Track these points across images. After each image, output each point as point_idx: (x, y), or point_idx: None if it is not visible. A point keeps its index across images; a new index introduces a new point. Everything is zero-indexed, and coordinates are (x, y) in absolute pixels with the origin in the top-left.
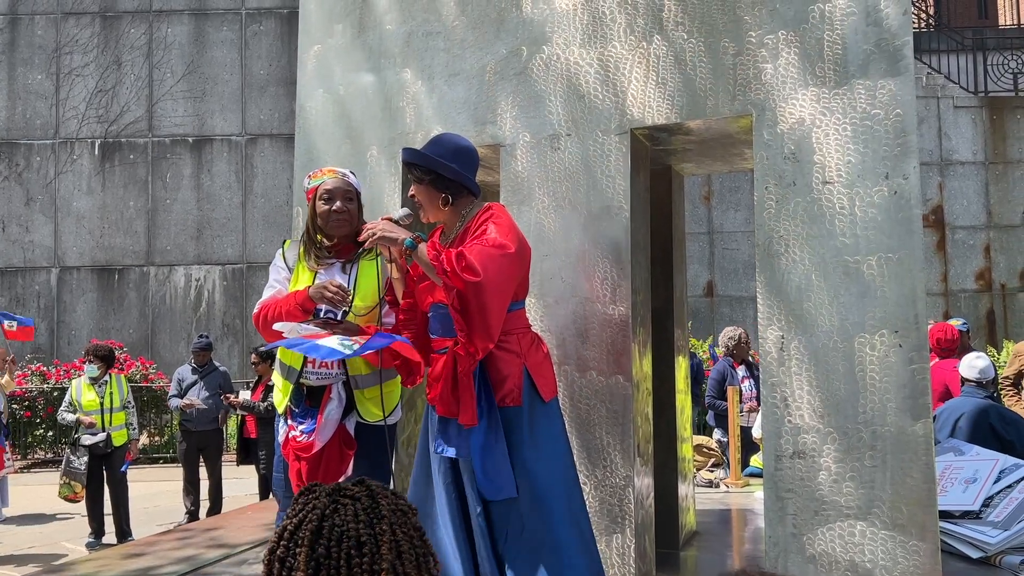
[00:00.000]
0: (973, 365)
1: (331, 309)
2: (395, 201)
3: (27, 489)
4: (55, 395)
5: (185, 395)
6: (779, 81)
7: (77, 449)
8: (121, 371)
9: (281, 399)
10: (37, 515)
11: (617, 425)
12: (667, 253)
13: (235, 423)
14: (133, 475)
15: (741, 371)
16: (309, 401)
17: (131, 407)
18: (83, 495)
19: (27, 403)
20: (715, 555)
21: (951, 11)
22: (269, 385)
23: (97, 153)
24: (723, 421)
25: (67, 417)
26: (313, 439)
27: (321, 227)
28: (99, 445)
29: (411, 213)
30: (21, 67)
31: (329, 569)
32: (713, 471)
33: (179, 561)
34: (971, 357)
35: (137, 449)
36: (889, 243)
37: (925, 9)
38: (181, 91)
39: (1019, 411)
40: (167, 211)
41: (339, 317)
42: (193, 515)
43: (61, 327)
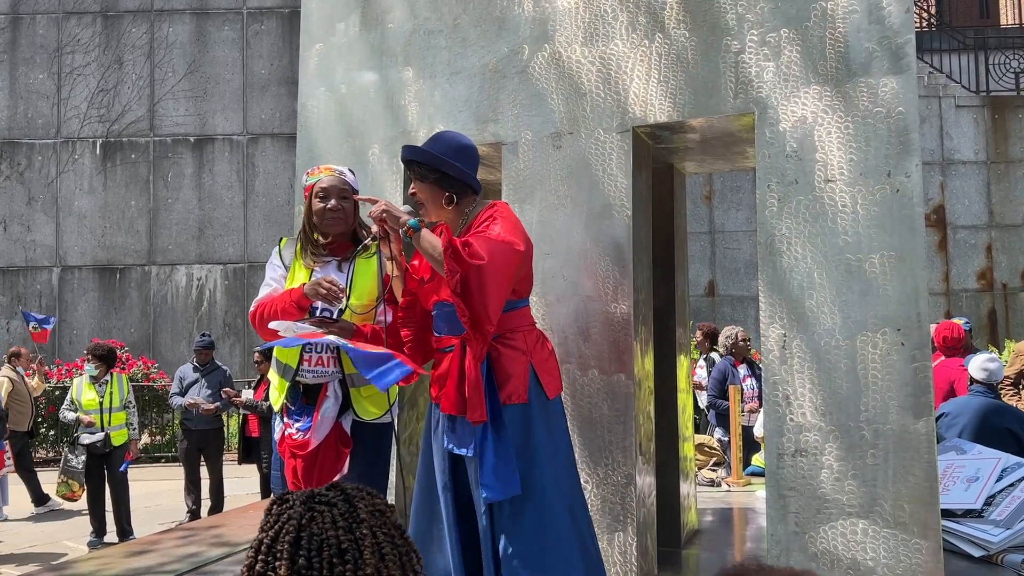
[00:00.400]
0: (986, 367)
1: (327, 307)
2: (396, 200)
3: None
4: (57, 394)
5: (186, 394)
6: (781, 79)
7: (75, 448)
8: (122, 371)
9: (277, 397)
10: (38, 514)
11: (619, 423)
12: (668, 252)
13: (237, 422)
14: (134, 474)
15: (742, 370)
16: (305, 399)
17: (132, 407)
18: (81, 494)
19: None
20: (717, 553)
21: (953, 10)
22: None
23: (99, 152)
24: (724, 420)
25: (68, 416)
26: (309, 437)
27: (316, 225)
28: (97, 444)
29: (412, 212)
30: (23, 66)
31: None
32: (715, 470)
33: (181, 559)
34: (983, 359)
35: (137, 449)
36: (891, 241)
37: (927, 8)
38: (182, 90)
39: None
40: (168, 210)
41: (335, 315)
42: (195, 514)
43: (63, 326)
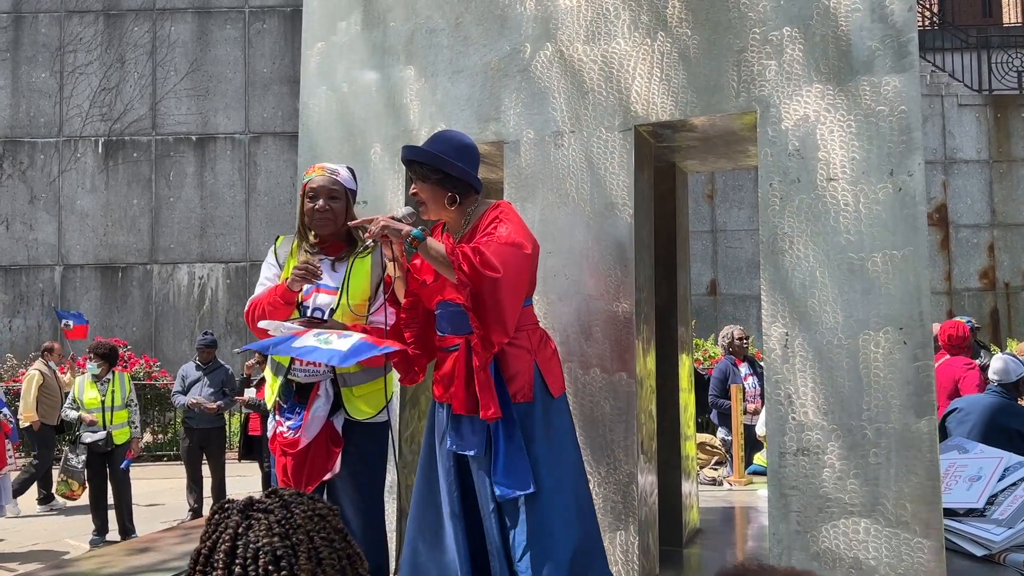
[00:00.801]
0: (1008, 369)
1: (319, 307)
2: (399, 199)
3: (31, 486)
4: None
5: (188, 392)
6: (783, 77)
7: (76, 447)
8: (124, 369)
9: (270, 395)
10: (40, 512)
11: (621, 422)
12: (670, 251)
13: (239, 420)
14: (136, 473)
15: (744, 369)
16: (297, 397)
17: (134, 405)
18: (80, 493)
19: None
20: (718, 552)
21: (955, 9)
22: None
23: (101, 151)
24: (726, 419)
25: (70, 414)
26: (299, 435)
27: (307, 224)
28: (99, 443)
29: (414, 212)
30: (25, 65)
31: None
32: (717, 469)
33: (182, 556)
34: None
35: (139, 447)
36: (894, 240)
37: (929, 7)
38: (184, 89)
39: None
40: (170, 209)
41: (325, 315)
42: (197, 512)
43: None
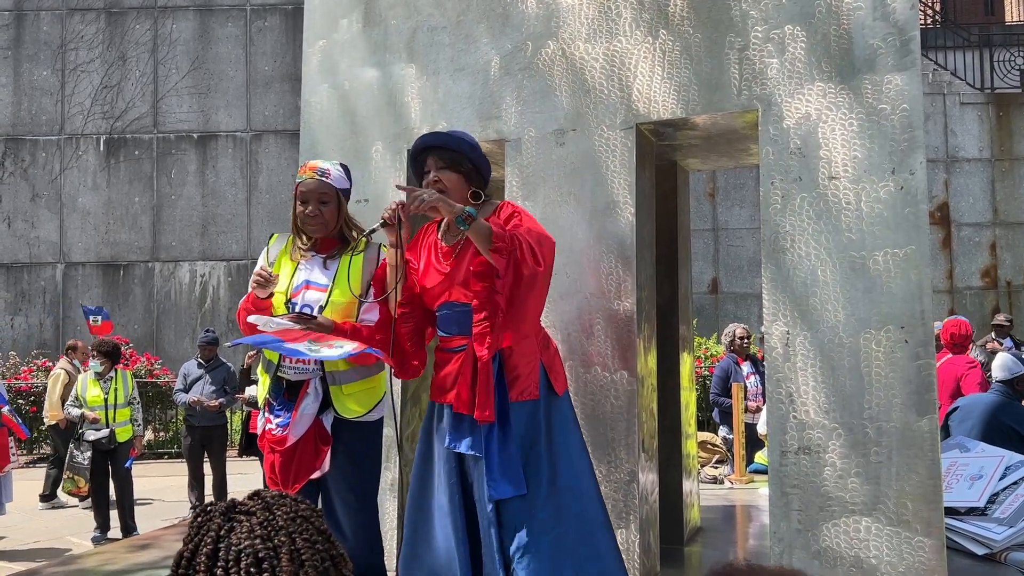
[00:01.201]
0: (1007, 367)
1: (307, 303)
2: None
3: (32, 484)
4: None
5: (190, 390)
6: (785, 76)
7: (81, 444)
8: (125, 367)
9: (261, 392)
10: (42, 509)
11: (622, 421)
12: (672, 249)
13: (240, 418)
14: (138, 470)
15: (745, 367)
16: (287, 394)
17: (136, 403)
18: (87, 489)
19: (32, 398)
20: (719, 551)
21: (957, 7)
22: None
23: (102, 149)
24: (728, 418)
25: (73, 412)
26: (287, 433)
27: (299, 227)
28: (102, 441)
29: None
30: (27, 63)
31: None
32: (718, 467)
33: None
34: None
35: (141, 445)
36: (895, 238)
37: (932, 5)
38: (186, 87)
39: None
40: (172, 207)
41: (315, 311)
42: None
43: (67, 323)
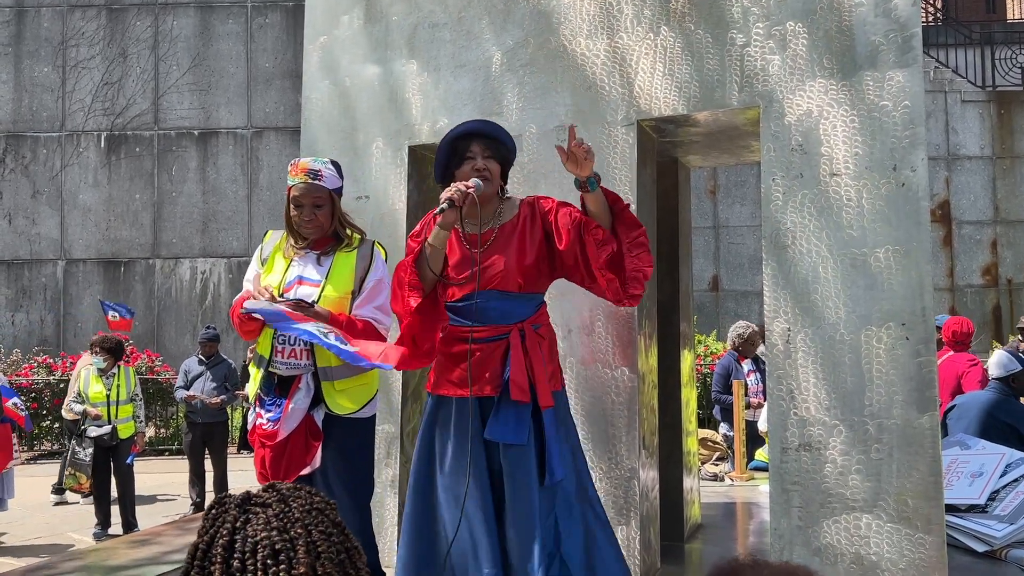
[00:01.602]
0: (1001, 364)
1: (300, 298)
2: (400, 193)
3: (34, 480)
4: (61, 387)
5: (191, 387)
6: (787, 72)
7: (83, 440)
8: (127, 363)
9: (252, 387)
10: (43, 506)
11: (622, 417)
12: (673, 246)
13: (241, 414)
14: (139, 467)
15: (747, 365)
16: (278, 390)
17: (138, 400)
18: (88, 485)
19: (33, 395)
20: (720, 548)
21: (959, 5)
22: None
23: (103, 146)
24: (729, 415)
25: (75, 408)
26: (278, 428)
27: (294, 228)
28: (104, 437)
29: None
30: (27, 59)
31: None
32: (718, 464)
33: (182, 549)
34: (1002, 355)
35: (144, 442)
36: (896, 235)
37: (933, 3)
38: (187, 84)
39: None
40: (173, 204)
41: (312, 301)
42: (199, 506)
43: (67, 319)
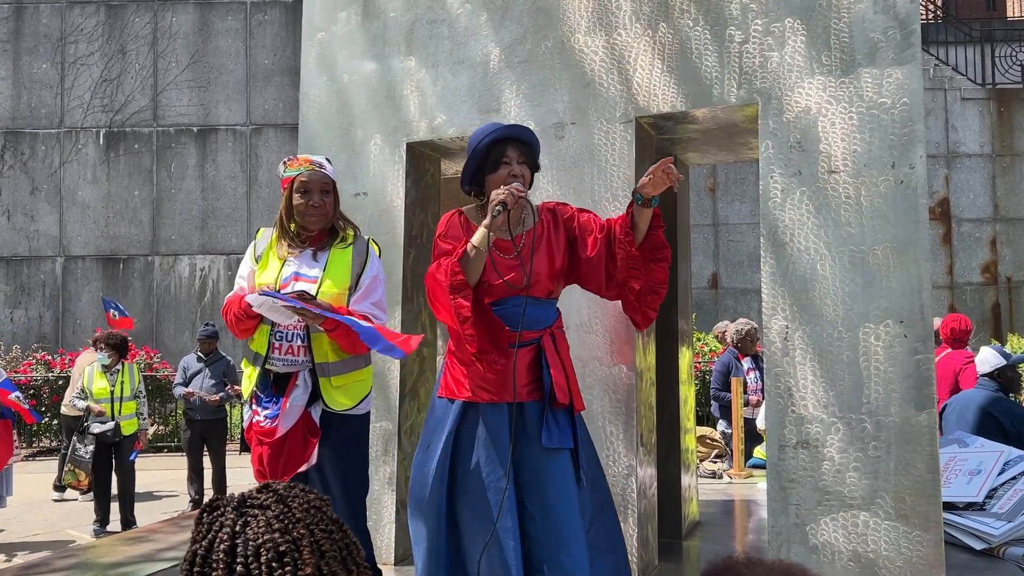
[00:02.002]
0: (985, 360)
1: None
2: (398, 189)
3: (33, 477)
4: (60, 384)
5: (190, 384)
6: (785, 69)
7: (84, 437)
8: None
9: (248, 385)
10: (42, 502)
11: (620, 415)
12: (672, 244)
13: (240, 412)
14: (138, 464)
15: (746, 363)
16: (275, 387)
17: (142, 397)
18: (87, 483)
19: (32, 392)
20: (717, 545)
21: (959, 3)
22: None
23: (102, 142)
24: (727, 413)
25: (78, 404)
26: (276, 425)
27: (296, 218)
28: (107, 434)
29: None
30: (26, 56)
31: None
32: (716, 462)
33: (179, 546)
34: (987, 351)
35: (147, 439)
36: (895, 233)
37: (932, 0)
38: (186, 80)
39: None
40: (172, 201)
41: (314, 292)
42: (197, 503)
43: (66, 316)
